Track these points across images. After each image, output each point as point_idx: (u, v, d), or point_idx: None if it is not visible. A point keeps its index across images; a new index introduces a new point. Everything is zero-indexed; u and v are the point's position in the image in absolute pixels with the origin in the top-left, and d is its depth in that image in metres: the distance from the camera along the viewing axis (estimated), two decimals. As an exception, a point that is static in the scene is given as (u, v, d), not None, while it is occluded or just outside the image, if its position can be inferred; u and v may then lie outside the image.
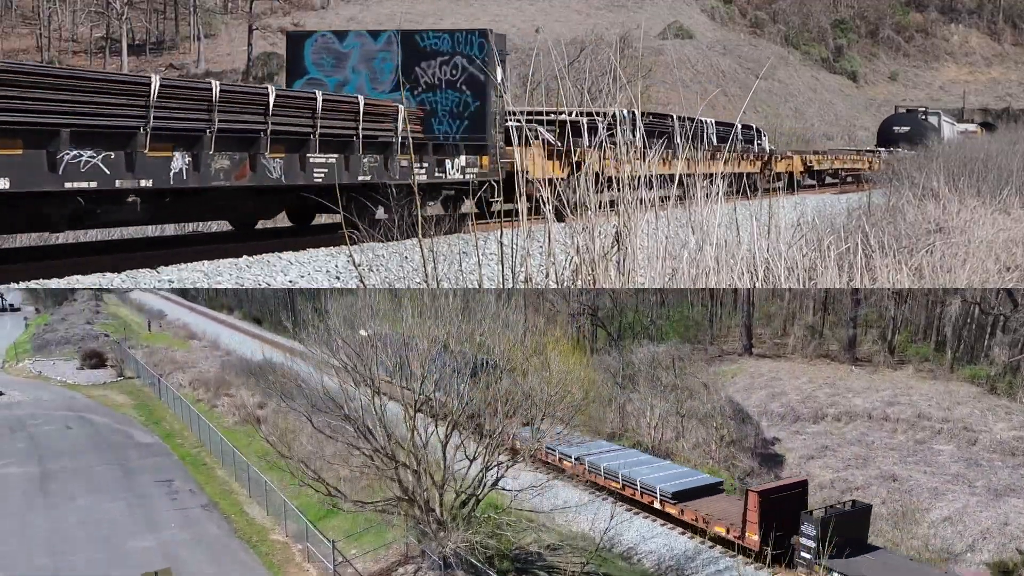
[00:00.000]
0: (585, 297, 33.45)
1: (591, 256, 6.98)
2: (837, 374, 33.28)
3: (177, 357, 34.52)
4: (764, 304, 39.57)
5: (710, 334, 38.08)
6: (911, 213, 20.49)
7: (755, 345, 36.90)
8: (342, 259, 15.22)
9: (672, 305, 40.06)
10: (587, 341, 34.25)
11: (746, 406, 29.43)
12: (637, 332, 35.84)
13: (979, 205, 20.66)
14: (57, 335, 42.86)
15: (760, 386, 32.03)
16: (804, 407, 29.44)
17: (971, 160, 29.76)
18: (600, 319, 35.29)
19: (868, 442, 26.41)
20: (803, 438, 27.16)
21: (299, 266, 14.85)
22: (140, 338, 42.43)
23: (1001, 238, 16.72)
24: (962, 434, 26.28)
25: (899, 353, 34.70)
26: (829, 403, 29.63)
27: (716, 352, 36.38)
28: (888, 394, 30.02)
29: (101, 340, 40.51)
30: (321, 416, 14.53)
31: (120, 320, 51.58)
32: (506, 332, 15.87)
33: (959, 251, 13.97)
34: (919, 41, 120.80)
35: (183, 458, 22.66)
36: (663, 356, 28.46)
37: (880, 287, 32.71)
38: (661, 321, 36.71)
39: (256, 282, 13.88)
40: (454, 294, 14.33)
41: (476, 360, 15.72)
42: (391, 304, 15.87)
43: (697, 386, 26.42)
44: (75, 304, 59.65)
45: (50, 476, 21.10)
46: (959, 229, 17.46)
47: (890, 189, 29.36)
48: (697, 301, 41.30)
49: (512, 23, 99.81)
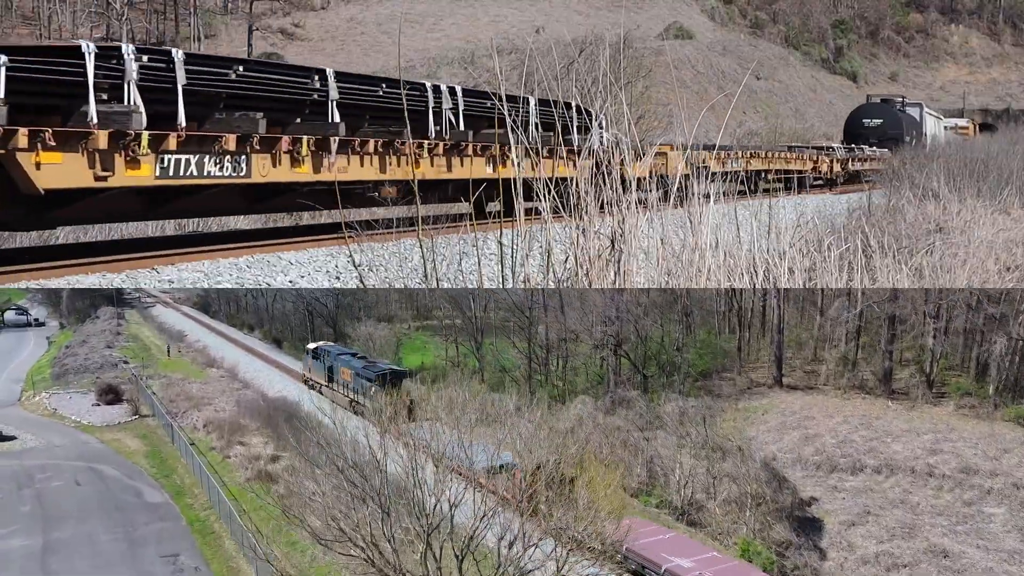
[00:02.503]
0: (609, 327, 32.30)
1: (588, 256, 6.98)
2: (873, 411, 30.92)
3: (193, 391, 33.83)
4: (794, 328, 37.78)
5: (739, 362, 36.13)
6: (911, 213, 20.51)
7: (785, 373, 34.83)
8: (342, 259, 15.22)
9: (697, 324, 37.84)
10: (611, 372, 32.97)
11: (778, 450, 27.65)
12: (663, 362, 34.01)
13: (979, 205, 20.67)
14: (77, 360, 42.97)
15: (792, 426, 30.03)
16: (840, 453, 27.30)
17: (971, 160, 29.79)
18: (624, 351, 33.52)
19: (913, 503, 24.31)
20: (842, 497, 25.00)
21: (299, 266, 14.84)
22: (158, 365, 41.96)
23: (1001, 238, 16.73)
24: (1014, 494, 24.32)
25: (937, 385, 32.33)
26: (867, 448, 27.45)
27: (745, 383, 34.34)
28: (930, 439, 27.88)
29: (119, 368, 40.63)
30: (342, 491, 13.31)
31: (140, 343, 50.98)
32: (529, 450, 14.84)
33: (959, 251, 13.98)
34: (919, 41, 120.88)
35: (191, 523, 21.53)
36: (693, 413, 26.46)
37: (915, 310, 31.64)
38: (687, 353, 34.30)
39: (256, 282, 13.87)
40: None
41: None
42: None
43: (731, 447, 24.20)
44: (97, 323, 59.33)
45: (52, 549, 19.89)
46: (959, 229, 17.48)
47: (890, 189, 29.37)
48: (725, 326, 39.52)
49: (512, 23, 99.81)
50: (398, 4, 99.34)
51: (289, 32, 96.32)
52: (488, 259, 12.56)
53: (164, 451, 27.97)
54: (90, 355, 44.20)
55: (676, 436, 24.51)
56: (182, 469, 25.81)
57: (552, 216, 7.14)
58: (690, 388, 32.68)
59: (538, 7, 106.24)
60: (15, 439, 29.46)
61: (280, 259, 15.22)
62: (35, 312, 68.06)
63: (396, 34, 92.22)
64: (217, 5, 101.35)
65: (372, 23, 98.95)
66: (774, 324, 36.10)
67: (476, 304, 38.20)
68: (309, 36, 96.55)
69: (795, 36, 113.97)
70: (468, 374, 36.53)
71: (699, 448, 23.55)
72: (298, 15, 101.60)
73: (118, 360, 43.02)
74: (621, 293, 32.02)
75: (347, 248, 15.02)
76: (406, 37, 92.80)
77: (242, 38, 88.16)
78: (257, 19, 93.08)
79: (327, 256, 15.69)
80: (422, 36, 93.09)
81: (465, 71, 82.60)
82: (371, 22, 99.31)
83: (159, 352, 46.19)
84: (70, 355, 45.04)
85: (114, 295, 63.49)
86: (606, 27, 79.32)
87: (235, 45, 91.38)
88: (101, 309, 63.44)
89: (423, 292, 53.04)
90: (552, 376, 35.06)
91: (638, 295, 34.31)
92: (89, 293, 63.12)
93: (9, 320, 65.35)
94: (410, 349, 44.68)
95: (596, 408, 28.34)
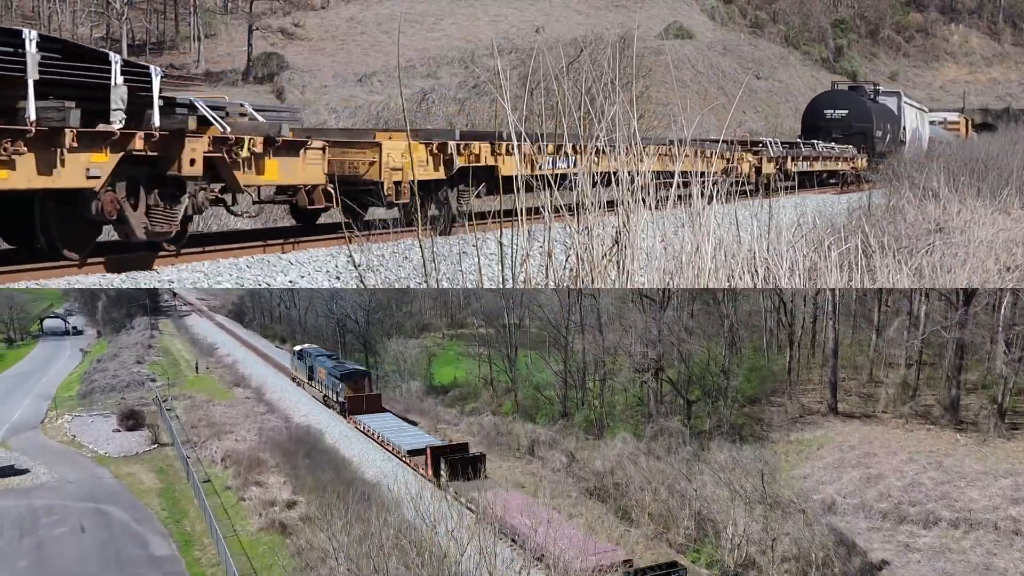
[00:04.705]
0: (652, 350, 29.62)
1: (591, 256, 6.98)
2: (940, 446, 27.84)
3: (216, 416, 33.41)
4: (848, 349, 34.54)
5: (789, 386, 32.74)
6: (911, 213, 20.52)
7: (840, 398, 31.69)
8: (342, 259, 15.22)
9: (743, 342, 34.71)
10: (651, 397, 30.46)
11: (837, 492, 24.81)
12: (708, 386, 31.04)
13: (979, 205, 20.69)
14: (105, 377, 43.36)
15: (852, 463, 27.05)
16: (909, 500, 24.22)
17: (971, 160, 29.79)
18: (667, 375, 30.84)
19: (999, 570, 21.38)
20: (917, 560, 22.11)
21: (299, 266, 14.84)
22: (185, 384, 41.84)
23: (1001, 238, 16.74)
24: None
25: (1010, 414, 29.30)
26: (939, 495, 24.33)
27: (796, 410, 31.17)
28: (1009, 485, 24.87)
29: (146, 387, 40.80)
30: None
31: (170, 357, 50.75)
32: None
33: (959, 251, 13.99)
34: (919, 41, 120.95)
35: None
36: (750, 465, 23.24)
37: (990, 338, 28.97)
38: (734, 380, 31.15)
39: (256, 282, 13.88)
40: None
41: None
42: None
43: (793, 507, 21.50)
44: (131, 334, 59.51)
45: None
46: (959, 229, 17.49)
47: (890, 189, 29.36)
48: (773, 342, 36.27)
49: (512, 23, 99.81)
50: (398, 4, 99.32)
51: (289, 32, 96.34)
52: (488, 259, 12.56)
53: (178, 489, 27.12)
54: (119, 372, 44.65)
55: (729, 488, 21.65)
56: (194, 513, 24.79)
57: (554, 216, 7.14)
58: (737, 415, 29.90)
59: (538, 7, 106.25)
60: (28, 472, 29.05)
61: (280, 259, 15.22)
62: (73, 320, 68.22)
63: (396, 34, 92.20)
64: (217, 5, 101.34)
65: (372, 23, 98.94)
66: (826, 345, 32.77)
67: (510, 315, 36.91)
68: (309, 36, 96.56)
69: (795, 36, 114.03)
70: (500, 392, 35.83)
71: (755, 503, 20.92)
72: (298, 15, 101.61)
73: (145, 378, 43.27)
74: (664, 310, 30.52)
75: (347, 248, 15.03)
76: (406, 37, 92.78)
77: (242, 38, 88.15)
78: (257, 19, 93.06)
79: (327, 256, 15.69)
80: (422, 36, 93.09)
81: (465, 71, 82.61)
82: (371, 22, 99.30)
83: (188, 368, 46.14)
84: (99, 370, 45.51)
85: (148, 304, 63.69)
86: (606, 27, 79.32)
87: (235, 45, 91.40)
88: (136, 319, 63.82)
89: (458, 301, 53.24)
90: (589, 396, 32.44)
91: (679, 311, 32.48)
92: (125, 302, 63.55)
93: (48, 328, 65.64)
94: (443, 362, 43.66)
95: (637, 448, 25.60)
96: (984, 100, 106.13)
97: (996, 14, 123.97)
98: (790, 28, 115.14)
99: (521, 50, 73.15)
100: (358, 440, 28.37)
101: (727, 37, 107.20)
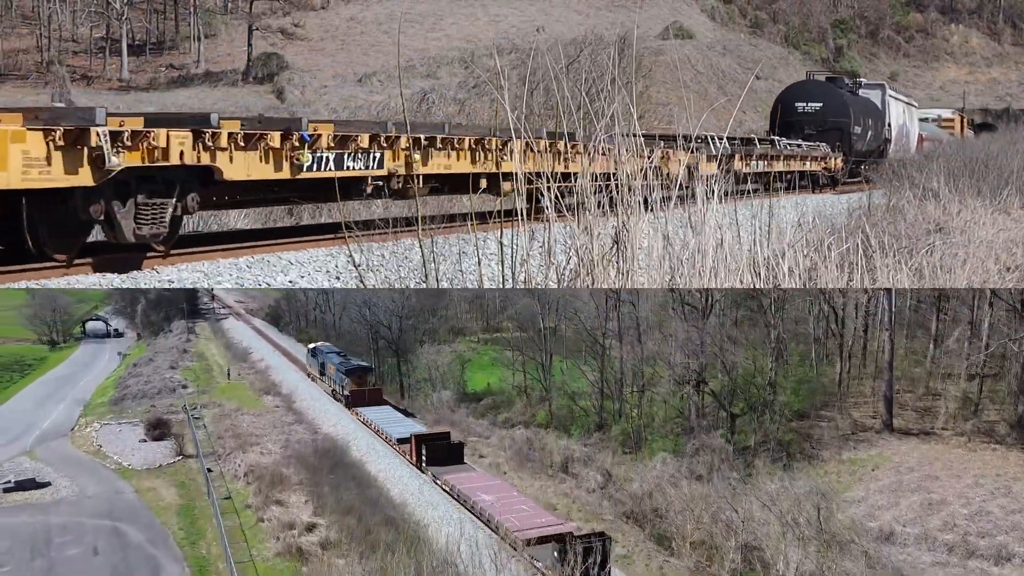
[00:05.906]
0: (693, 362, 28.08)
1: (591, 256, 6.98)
2: (1008, 468, 25.26)
3: (243, 426, 33.21)
4: (903, 360, 31.80)
5: (839, 399, 30.44)
6: (911, 213, 20.51)
7: (896, 413, 29.10)
8: (342, 259, 15.21)
9: (789, 352, 32.26)
10: (693, 411, 28.82)
11: (895, 520, 22.51)
12: (752, 399, 28.92)
13: (979, 205, 20.69)
14: (139, 382, 43.78)
15: (911, 487, 24.37)
16: (977, 531, 21.60)
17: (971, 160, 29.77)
18: (710, 389, 29.18)
19: None
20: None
21: (299, 266, 14.84)
22: (215, 391, 41.73)
23: (1001, 238, 16.74)
24: None
25: None
26: (1009, 525, 21.72)
27: (848, 426, 28.65)
28: None
29: (177, 394, 40.90)
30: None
31: (204, 362, 50.70)
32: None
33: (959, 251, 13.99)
34: (919, 41, 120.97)
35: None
36: (804, 499, 20.91)
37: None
38: (780, 395, 28.64)
39: (256, 282, 13.88)
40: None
41: None
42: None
43: (855, 549, 19.52)
44: (169, 337, 59.84)
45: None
46: (959, 229, 17.49)
47: (890, 189, 29.33)
48: (822, 352, 33.69)
49: (512, 23, 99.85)
50: (398, 4, 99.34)
51: (289, 32, 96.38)
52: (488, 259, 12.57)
53: (198, 506, 26.67)
54: (152, 377, 45.06)
55: (780, 522, 19.74)
56: (211, 534, 24.26)
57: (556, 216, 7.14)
58: (784, 431, 27.84)
59: (538, 7, 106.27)
60: (49, 486, 28.79)
61: (280, 259, 15.21)
62: (114, 323, 68.70)
63: (396, 34, 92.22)
64: (217, 5, 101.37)
65: (372, 23, 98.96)
66: (880, 355, 30.47)
67: (545, 319, 35.53)
68: (309, 36, 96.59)
69: (795, 36, 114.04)
70: (534, 402, 34.77)
71: (809, 539, 19.14)
72: (298, 15, 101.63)
73: (177, 384, 43.46)
74: (706, 317, 29.04)
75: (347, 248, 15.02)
76: (406, 37, 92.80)
77: (242, 38, 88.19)
78: (257, 19, 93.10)
79: (327, 256, 15.68)
80: (422, 36, 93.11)
81: (465, 71, 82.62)
82: (371, 22, 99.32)
83: (220, 374, 46.27)
84: (134, 375, 46.06)
85: (185, 307, 63.89)
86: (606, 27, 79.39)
87: (235, 45, 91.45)
88: (174, 323, 64.12)
89: (494, 305, 53.07)
90: (626, 407, 30.56)
91: (722, 318, 30.89)
92: (164, 305, 63.98)
93: (90, 330, 66.05)
94: (477, 367, 42.58)
95: (678, 471, 24.04)
96: (984, 100, 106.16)
97: (996, 14, 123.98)
98: (790, 28, 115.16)
99: (521, 50, 73.21)
100: (385, 454, 28.28)
101: (727, 37, 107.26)
